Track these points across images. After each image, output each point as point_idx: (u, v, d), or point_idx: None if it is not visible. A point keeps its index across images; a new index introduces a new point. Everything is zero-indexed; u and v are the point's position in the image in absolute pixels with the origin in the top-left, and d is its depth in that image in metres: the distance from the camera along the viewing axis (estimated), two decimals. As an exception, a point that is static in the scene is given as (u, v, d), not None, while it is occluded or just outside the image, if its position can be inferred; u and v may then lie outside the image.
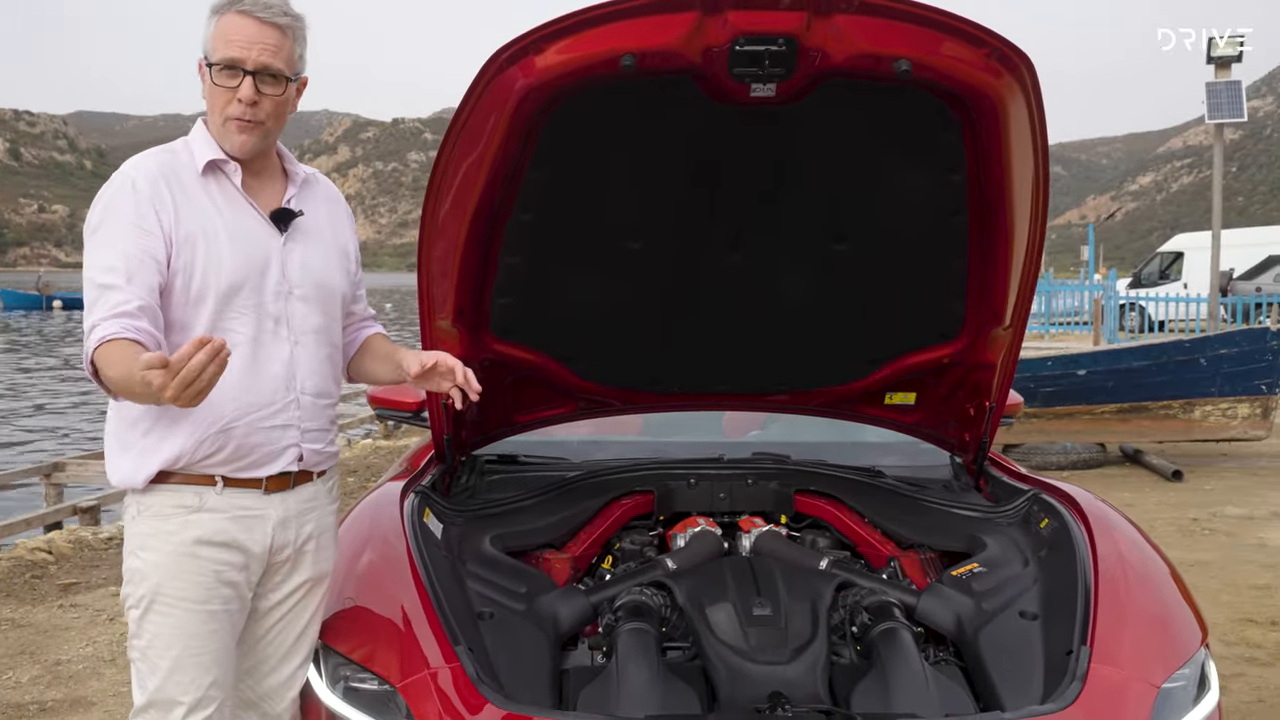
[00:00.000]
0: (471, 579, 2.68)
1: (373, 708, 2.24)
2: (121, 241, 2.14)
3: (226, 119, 2.22)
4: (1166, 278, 24.62)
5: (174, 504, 2.22)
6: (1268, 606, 5.39)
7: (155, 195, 2.18)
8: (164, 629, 2.22)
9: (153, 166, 2.23)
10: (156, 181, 2.20)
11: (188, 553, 2.21)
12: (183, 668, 2.21)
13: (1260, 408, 9.21)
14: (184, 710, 2.21)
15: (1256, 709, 4.09)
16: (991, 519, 3.11)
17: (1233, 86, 14.00)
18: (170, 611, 2.21)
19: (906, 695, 2.38)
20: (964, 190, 2.78)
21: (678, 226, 2.89)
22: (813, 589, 2.71)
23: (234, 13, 2.20)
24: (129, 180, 2.20)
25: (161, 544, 2.22)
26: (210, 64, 2.21)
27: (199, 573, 2.22)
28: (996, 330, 3.08)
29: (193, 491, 2.23)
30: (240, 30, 2.19)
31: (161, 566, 2.21)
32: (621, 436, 3.89)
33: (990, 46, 2.44)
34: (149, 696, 2.23)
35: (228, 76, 2.20)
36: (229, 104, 2.21)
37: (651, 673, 2.42)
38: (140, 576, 2.23)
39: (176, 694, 2.21)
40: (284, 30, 2.23)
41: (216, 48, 2.20)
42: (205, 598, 2.22)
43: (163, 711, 2.22)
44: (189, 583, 2.21)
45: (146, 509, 2.24)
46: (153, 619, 2.22)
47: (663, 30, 2.38)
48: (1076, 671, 2.29)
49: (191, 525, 2.22)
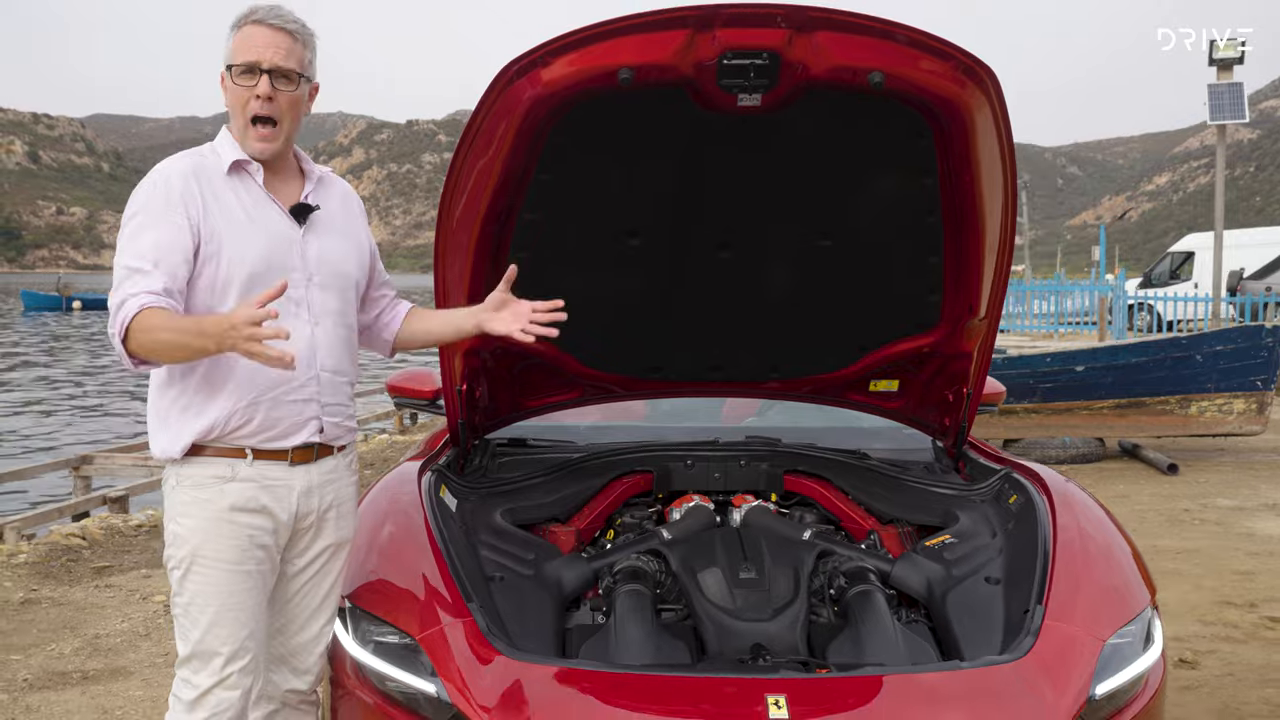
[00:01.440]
0: (483, 547, 2.93)
1: (396, 658, 2.48)
2: (153, 232, 2.38)
3: (247, 119, 2.48)
4: (1178, 278, 24.63)
5: (209, 474, 2.46)
6: (1248, 590, 5.60)
7: (186, 192, 2.43)
8: (204, 587, 2.46)
9: (184, 166, 2.48)
10: (188, 179, 2.45)
11: (223, 518, 2.45)
12: (221, 622, 2.46)
13: (1255, 403, 9.36)
14: (222, 660, 2.46)
15: (1226, 682, 4.31)
16: (966, 496, 3.34)
17: (1234, 88, 14.15)
18: (208, 572, 2.45)
19: (877, 649, 2.62)
20: (937, 192, 2.99)
21: (673, 225, 3.11)
22: (795, 556, 2.96)
23: (250, 24, 2.48)
24: (163, 178, 2.45)
25: (200, 510, 2.46)
26: (231, 67, 2.47)
27: (234, 536, 2.46)
28: (972, 321, 3.29)
29: (226, 463, 2.47)
30: (257, 37, 2.46)
31: (200, 531, 2.45)
32: (624, 422, 4.13)
33: (956, 60, 2.66)
34: (191, 648, 2.47)
35: (247, 77, 2.46)
36: (248, 102, 2.47)
37: (647, 629, 2.67)
38: (181, 540, 2.47)
39: (216, 645, 2.45)
40: (294, 35, 2.50)
41: (237, 54, 2.47)
42: (240, 559, 2.47)
43: (204, 661, 2.46)
44: (225, 545, 2.45)
45: (185, 479, 2.48)
46: (193, 578, 2.46)
47: (657, 46, 2.61)
48: (1031, 627, 2.53)
49: (226, 493, 2.46)
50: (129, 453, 10.02)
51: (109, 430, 16.24)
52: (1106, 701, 2.42)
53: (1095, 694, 2.39)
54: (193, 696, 2.46)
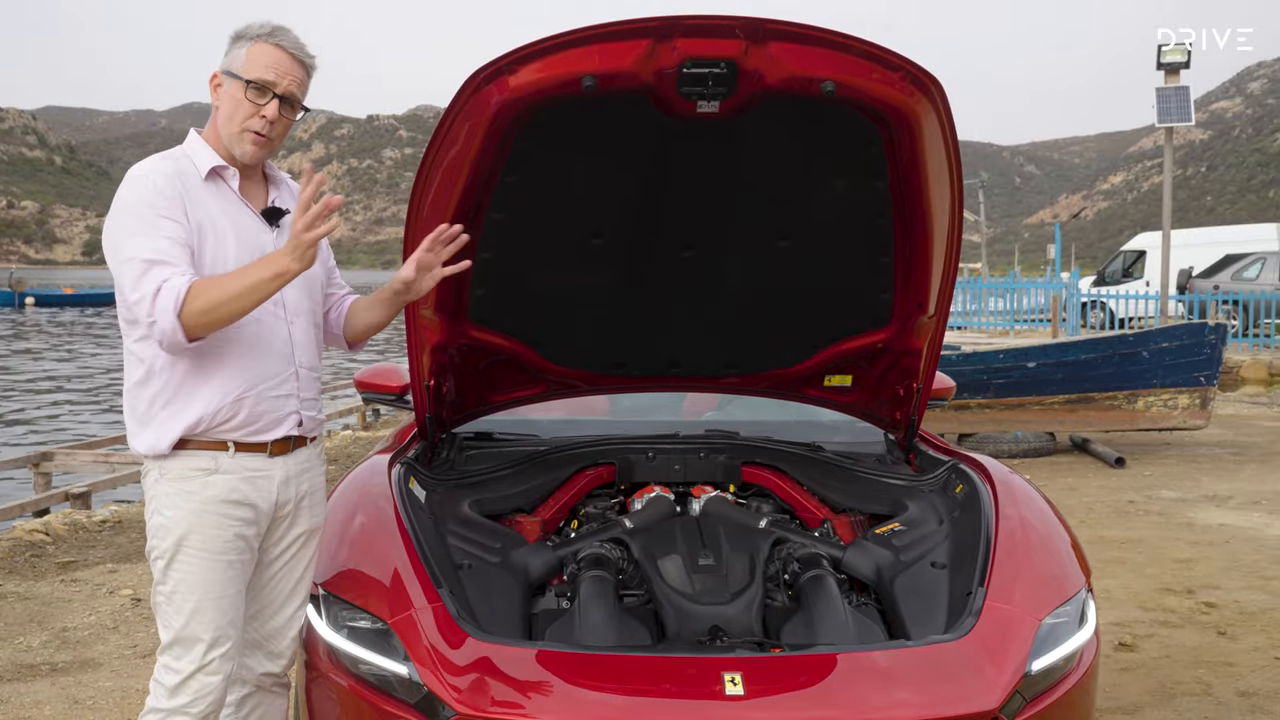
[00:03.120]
0: (452, 536, 3.04)
1: (368, 642, 2.58)
2: (159, 228, 2.45)
3: (245, 129, 2.56)
4: (1130, 276, 25.03)
5: (193, 467, 2.55)
6: (1186, 578, 5.82)
7: (174, 191, 2.50)
8: (187, 576, 2.54)
9: (166, 168, 2.55)
10: (173, 180, 2.52)
11: (207, 510, 2.54)
12: (203, 610, 2.54)
13: (1199, 398, 9.64)
14: (204, 646, 2.54)
15: (1164, 663, 4.51)
16: (915, 486, 3.49)
17: (1181, 91, 14.48)
18: (193, 561, 2.54)
19: (828, 630, 2.77)
20: (888, 195, 3.12)
21: (636, 226, 3.22)
22: (751, 544, 3.10)
23: (270, 43, 2.56)
24: (150, 180, 2.51)
25: (184, 502, 2.54)
26: (246, 81, 2.54)
27: (217, 527, 2.55)
28: (921, 319, 3.43)
29: (209, 456, 2.56)
30: (276, 59, 2.55)
31: (184, 522, 2.53)
32: (588, 416, 4.25)
33: (903, 70, 2.79)
34: (174, 635, 2.55)
35: (259, 94, 2.54)
36: (251, 117, 2.55)
37: (609, 612, 2.80)
38: (165, 531, 2.55)
39: (198, 632, 2.54)
40: (307, 69, 2.62)
41: (251, 69, 2.54)
42: (223, 549, 2.56)
43: (186, 647, 2.55)
44: (208, 536, 2.54)
45: (168, 472, 2.56)
46: (177, 568, 2.54)
47: (620, 55, 2.72)
48: (973, 608, 2.68)
49: (210, 485, 2.55)
50: (90, 449, 9.99)
51: (65, 429, 16.11)
52: (1042, 676, 2.57)
53: (1031, 669, 2.54)
54: (175, 682, 2.54)
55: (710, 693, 2.38)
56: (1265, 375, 16.85)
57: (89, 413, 18.15)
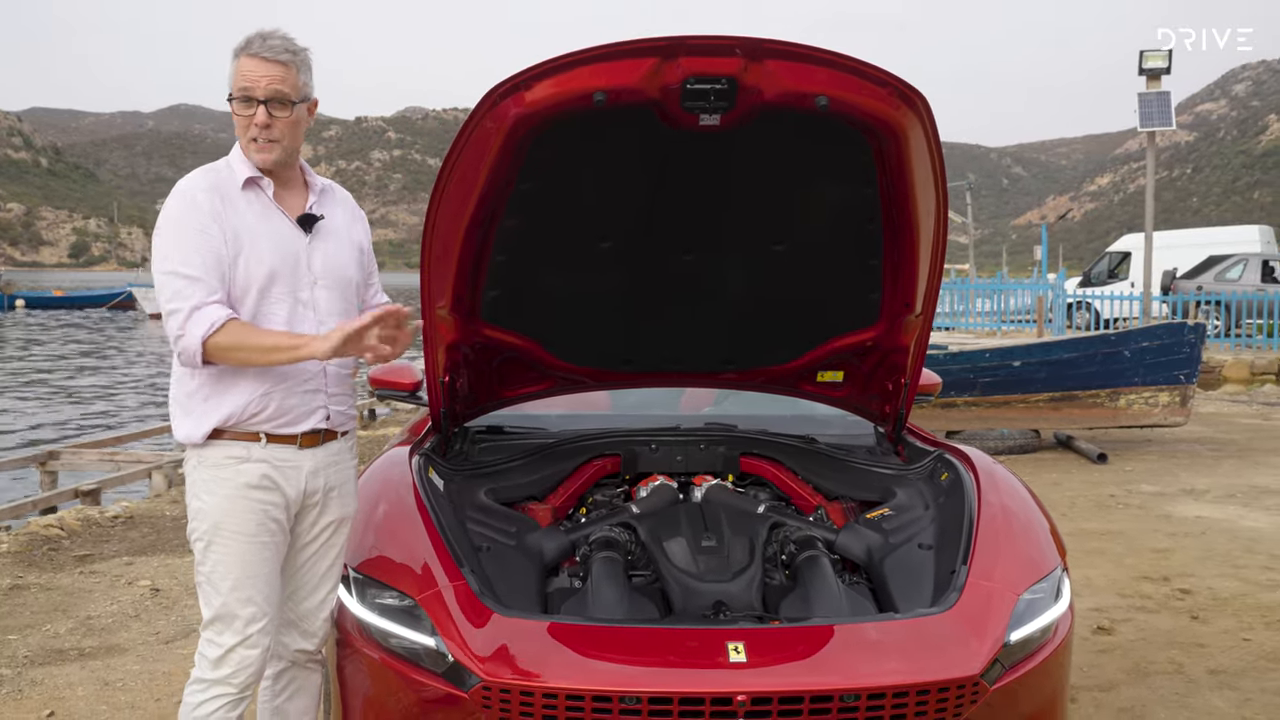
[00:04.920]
0: (470, 521, 3.24)
1: (398, 617, 2.78)
2: (192, 243, 2.66)
3: (248, 140, 2.76)
4: (1116, 277, 25.29)
5: (226, 455, 2.75)
6: (1162, 567, 6.07)
7: (211, 206, 2.71)
8: (225, 557, 2.75)
9: (205, 182, 2.75)
10: (211, 194, 2.73)
11: (240, 495, 2.74)
12: (240, 588, 2.75)
13: (1179, 396, 9.90)
14: (243, 622, 2.75)
15: (1139, 645, 4.75)
16: (903, 475, 3.71)
17: (1162, 96, 14.77)
18: (229, 543, 2.74)
19: (823, 605, 2.99)
20: (877, 202, 3.32)
21: (641, 231, 3.41)
22: (751, 527, 3.32)
23: (245, 56, 2.73)
24: (191, 195, 2.71)
25: (219, 488, 2.74)
26: (232, 98, 2.74)
27: (250, 511, 2.75)
28: (908, 317, 3.63)
29: (241, 446, 2.76)
30: (251, 69, 2.72)
31: (220, 507, 2.74)
32: (595, 411, 4.46)
33: (892, 86, 2.99)
34: (214, 612, 2.76)
35: (245, 106, 2.73)
36: (248, 127, 2.75)
37: (620, 590, 3.01)
38: (203, 515, 2.76)
39: (236, 609, 2.75)
40: (286, 65, 2.75)
41: (236, 84, 2.73)
42: (256, 531, 2.76)
43: (227, 623, 2.75)
44: (243, 519, 2.74)
45: (204, 460, 2.77)
46: (215, 549, 2.75)
47: (628, 72, 2.91)
48: (956, 584, 2.90)
49: (242, 473, 2.75)
50: (96, 448, 10.16)
51: (66, 428, 16.25)
52: (1020, 646, 2.79)
53: (1010, 640, 2.76)
54: (218, 655, 2.75)
55: (715, 661, 2.58)
56: (1247, 374, 17.16)
57: (85, 412, 18.29)
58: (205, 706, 2.76)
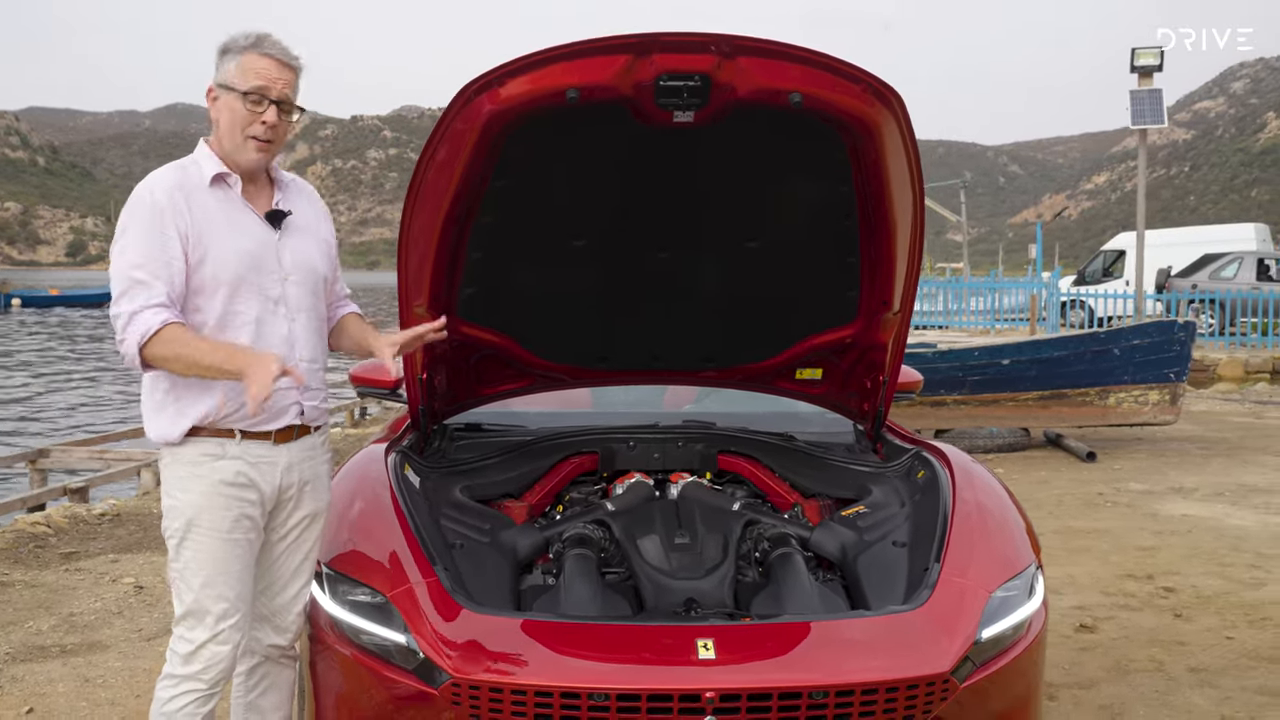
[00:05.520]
0: (445, 519, 3.24)
1: (369, 614, 2.77)
2: (146, 244, 2.65)
3: (247, 137, 2.74)
4: (1110, 275, 25.31)
5: (202, 453, 2.75)
6: (1147, 565, 6.08)
7: (172, 204, 2.69)
8: (198, 553, 2.75)
9: (169, 180, 2.73)
10: (173, 192, 2.71)
11: (215, 491, 2.74)
12: (212, 584, 2.75)
13: (1169, 394, 9.91)
14: (214, 618, 2.76)
15: (1121, 643, 4.76)
16: (880, 473, 3.71)
17: (1154, 94, 14.78)
18: (203, 539, 2.74)
19: (795, 602, 2.99)
20: (853, 199, 3.31)
21: (617, 227, 3.41)
22: (725, 524, 3.32)
23: (258, 53, 2.73)
24: (149, 193, 2.69)
25: (195, 485, 2.74)
26: (243, 92, 2.72)
27: (225, 508, 2.75)
28: (887, 315, 3.63)
29: (216, 443, 2.76)
30: (267, 67, 2.73)
31: (194, 504, 2.74)
32: (576, 409, 4.46)
33: (865, 83, 2.99)
34: (186, 607, 2.77)
35: (256, 103, 2.73)
36: (252, 124, 2.73)
37: (592, 587, 3.01)
38: (177, 512, 2.76)
39: (208, 605, 2.75)
40: (296, 72, 2.80)
41: (245, 79, 2.72)
42: (230, 528, 2.76)
43: (198, 618, 2.76)
44: (217, 516, 2.75)
45: (179, 458, 2.77)
46: (189, 545, 2.75)
47: (601, 69, 2.91)
48: (929, 581, 2.90)
49: (217, 470, 2.75)
50: (86, 446, 10.16)
51: (56, 426, 16.24)
52: (992, 644, 2.78)
53: (981, 637, 2.76)
54: (189, 650, 2.75)
55: (684, 658, 2.58)
56: (1241, 373, 17.18)
57: (83, 410, 18.28)
58: (175, 702, 2.77)
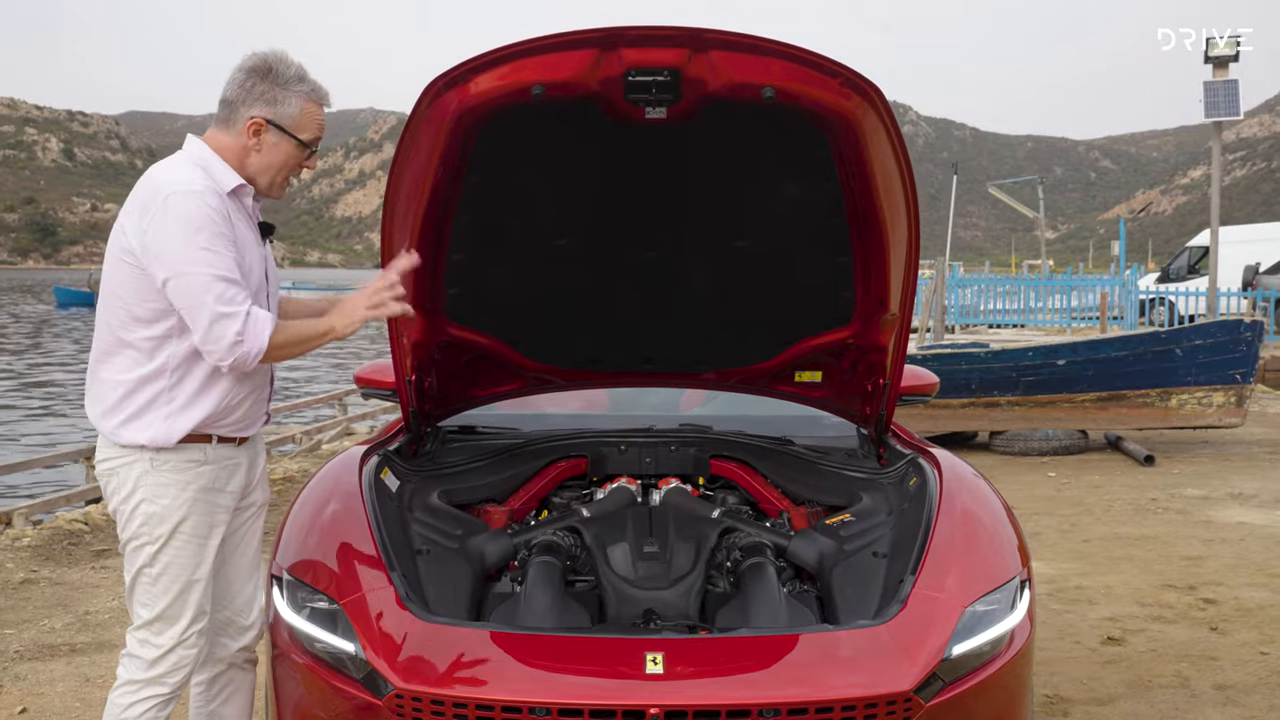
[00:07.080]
0: (416, 524, 3.19)
1: (322, 622, 2.73)
2: (225, 244, 2.66)
3: (283, 177, 2.84)
4: (1196, 272, 24.54)
5: (186, 459, 2.77)
6: (1190, 575, 5.81)
7: (224, 209, 2.70)
8: (178, 559, 2.77)
9: (208, 185, 2.70)
10: (221, 198, 2.71)
11: (200, 497, 2.78)
12: (190, 589, 2.79)
13: (1235, 396, 9.51)
14: (185, 623, 2.79)
15: (1147, 657, 4.53)
16: (874, 479, 3.57)
17: (1229, 85, 14.25)
18: (184, 545, 2.77)
19: (761, 615, 2.88)
20: (840, 196, 3.20)
21: (597, 227, 3.34)
22: (699, 532, 3.21)
23: (314, 101, 2.81)
24: (206, 198, 2.66)
25: (180, 491, 2.76)
26: (304, 142, 2.81)
27: (205, 513, 2.80)
28: (884, 316, 3.50)
29: (197, 449, 2.78)
30: (320, 118, 2.86)
31: (180, 510, 2.76)
32: (573, 411, 4.39)
33: (841, 76, 2.88)
34: (158, 613, 2.77)
35: (304, 151, 2.83)
36: (294, 168, 2.84)
37: (553, 596, 2.94)
38: (159, 519, 2.75)
39: (183, 610, 2.78)
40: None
41: (306, 128, 2.80)
42: (209, 533, 2.81)
43: (169, 623, 2.77)
44: (199, 521, 2.78)
45: (163, 464, 2.75)
46: (169, 551, 2.76)
47: (566, 65, 2.84)
48: (900, 595, 2.77)
49: (201, 475, 2.78)
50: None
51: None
52: (964, 661, 2.64)
53: (951, 653, 2.62)
54: (155, 655, 2.78)
55: (631, 672, 2.50)
56: (1325, 374, 16.48)
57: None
58: (136, 708, 2.78)
